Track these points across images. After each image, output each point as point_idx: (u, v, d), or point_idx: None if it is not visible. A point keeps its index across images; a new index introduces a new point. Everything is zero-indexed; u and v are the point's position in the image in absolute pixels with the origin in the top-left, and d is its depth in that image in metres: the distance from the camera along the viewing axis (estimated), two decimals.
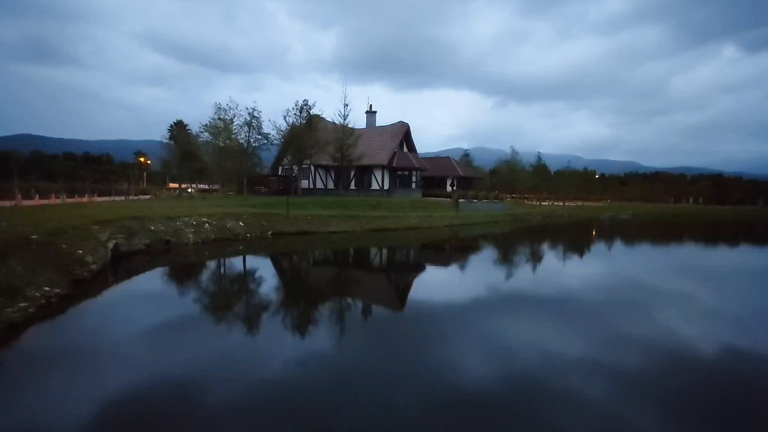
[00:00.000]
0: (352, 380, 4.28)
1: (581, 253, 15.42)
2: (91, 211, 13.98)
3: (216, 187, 40.54)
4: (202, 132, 29.43)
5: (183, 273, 10.01)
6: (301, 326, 6.11)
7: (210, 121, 27.88)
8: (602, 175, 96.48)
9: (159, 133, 38.59)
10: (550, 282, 9.82)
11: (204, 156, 32.04)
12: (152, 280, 8.92)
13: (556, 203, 50.32)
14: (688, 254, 16.86)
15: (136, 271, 9.42)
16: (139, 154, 54.43)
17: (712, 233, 26.88)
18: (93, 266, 8.27)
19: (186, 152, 33.88)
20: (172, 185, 44.85)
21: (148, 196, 30.96)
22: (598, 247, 17.52)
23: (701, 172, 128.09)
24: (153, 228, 12.67)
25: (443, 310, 7.20)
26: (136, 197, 28.95)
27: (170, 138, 38.09)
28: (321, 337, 5.63)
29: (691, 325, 6.51)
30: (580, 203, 55.66)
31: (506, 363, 4.79)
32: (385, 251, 14.90)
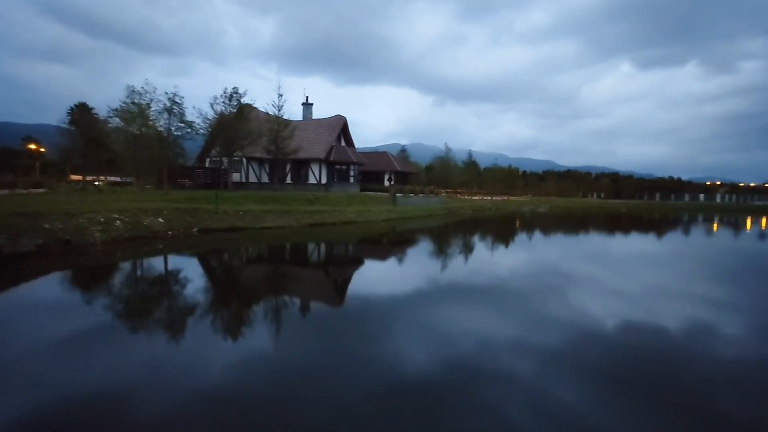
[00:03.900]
0: (297, 378, 4.12)
1: (507, 244, 16.67)
2: None
3: (130, 179, 36.21)
4: (111, 117, 25.87)
5: (87, 277, 8.74)
6: (237, 328, 5.67)
7: (121, 106, 24.59)
8: (524, 173, 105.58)
9: (56, 116, 33.17)
10: (481, 271, 10.41)
11: (114, 144, 28.20)
12: (45, 287, 7.65)
13: (485, 198, 53.83)
14: (593, 242, 19.14)
15: (25, 277, 8.01)
16: (28, 140, 46.29)
17: (612, 224, 30.88)
18: None
19: (92, 139, 29.62)
20: (74, 177, 39.02)
21: (42, 190, 26.54)
22: (522, 238, 19.10)
23: (603, 171, 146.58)
24: (48, 226, 10.88)
25: (384, 302, 7.24)
26: (25, 191, 24.65)
27: (71, 123, 33.03)
28: (259, 338, 5.28)
29: (598, 304, 7.35)
30: (505, 198, 60.23)
31: (446, 349, 4.98)
32: (323, 246, 14.60)
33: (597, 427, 3.41)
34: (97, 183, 34.98)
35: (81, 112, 34.48)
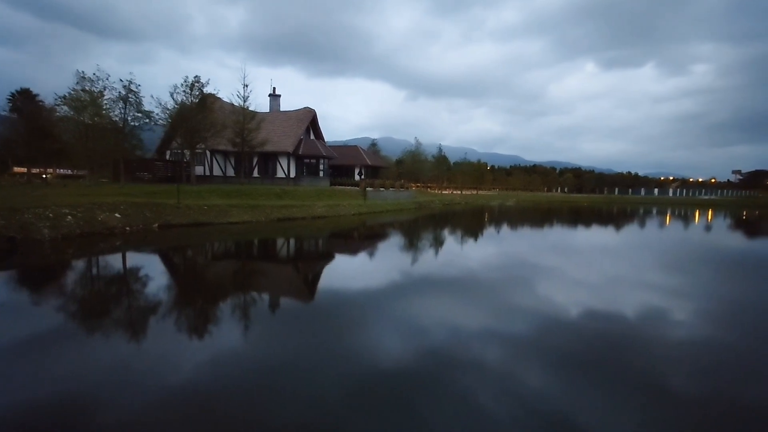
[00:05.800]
0: (271, 376, 4.05)
1: (476, 237, 17.15)
2: None
3: (83, 172, 33.87)
4: (59, 105, 23.98)
5: (38, 277, 8.17)
6: (206, 326, 5.48)
7: (71, 93, 22.80)
8: (493, 167, 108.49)
9: None
10: (451, 264, 10.61)
11: (64, 135, 26.16)
12: None
13: (454, 192, 54.92)
14: (556, 235, 20.08)
15: None
16: None
17: (575, 217, 32.46)
18: None
19: (37, 129, 27.33)
20: (18, 170, 36.01)
21: None
22: (490, 231, 19.71)
23: (566, 166, 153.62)
24: None
25: (356, 296, 7.24)
26: None
27: (12, 110, 30.34)
28: (230, 336, 5.12)
29: (562, 293, 7.73)
30: (474, 192, 61.73)
31: (419, 340, 5.04)
32: (292, 241, 14.38)
33: (564, 406, 3.57)
34: (45, 176, 32.47)
35: (24, 99, 31.75)
